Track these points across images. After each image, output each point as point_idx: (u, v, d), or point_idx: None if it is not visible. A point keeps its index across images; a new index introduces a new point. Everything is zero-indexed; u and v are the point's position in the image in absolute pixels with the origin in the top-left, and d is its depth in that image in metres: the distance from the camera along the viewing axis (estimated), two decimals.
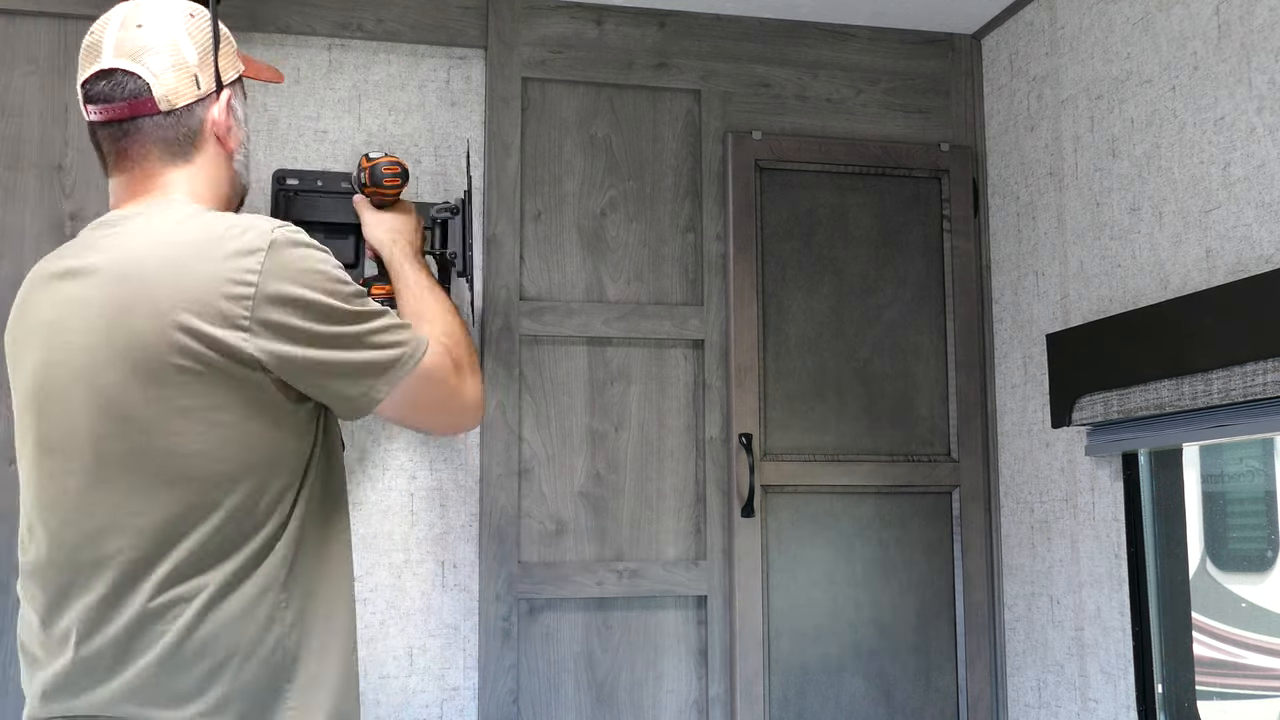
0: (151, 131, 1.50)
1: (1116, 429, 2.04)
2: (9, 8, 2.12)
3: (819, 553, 2.37)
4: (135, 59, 1.48)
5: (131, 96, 1.48)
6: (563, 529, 2.27)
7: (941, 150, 2.50)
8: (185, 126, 1.52)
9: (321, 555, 1.48)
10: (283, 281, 1.39)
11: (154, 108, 1.49)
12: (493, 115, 2.30)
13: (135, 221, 1.46)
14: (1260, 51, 1.77)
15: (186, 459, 1.38)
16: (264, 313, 1.38)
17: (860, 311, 2.45)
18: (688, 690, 2.29)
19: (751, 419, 2.33)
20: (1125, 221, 2.06)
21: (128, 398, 1.37)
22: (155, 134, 1.50)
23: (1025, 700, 2.33)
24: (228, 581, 1.38)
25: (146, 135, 1.50)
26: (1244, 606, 2.32)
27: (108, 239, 1.46)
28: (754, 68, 2.44)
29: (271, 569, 1.41)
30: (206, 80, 1.54)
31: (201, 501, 1.38)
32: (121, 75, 1.48)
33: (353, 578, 1.54)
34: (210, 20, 1.57)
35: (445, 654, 2.19)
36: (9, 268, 2.08)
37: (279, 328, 1.39)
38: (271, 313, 1.38)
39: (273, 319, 1.38)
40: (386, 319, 1.50)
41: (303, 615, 1.43)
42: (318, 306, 1.42)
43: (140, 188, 1.51)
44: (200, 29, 1.55)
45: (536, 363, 2.29)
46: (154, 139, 1.50)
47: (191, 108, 1.52)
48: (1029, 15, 2.37)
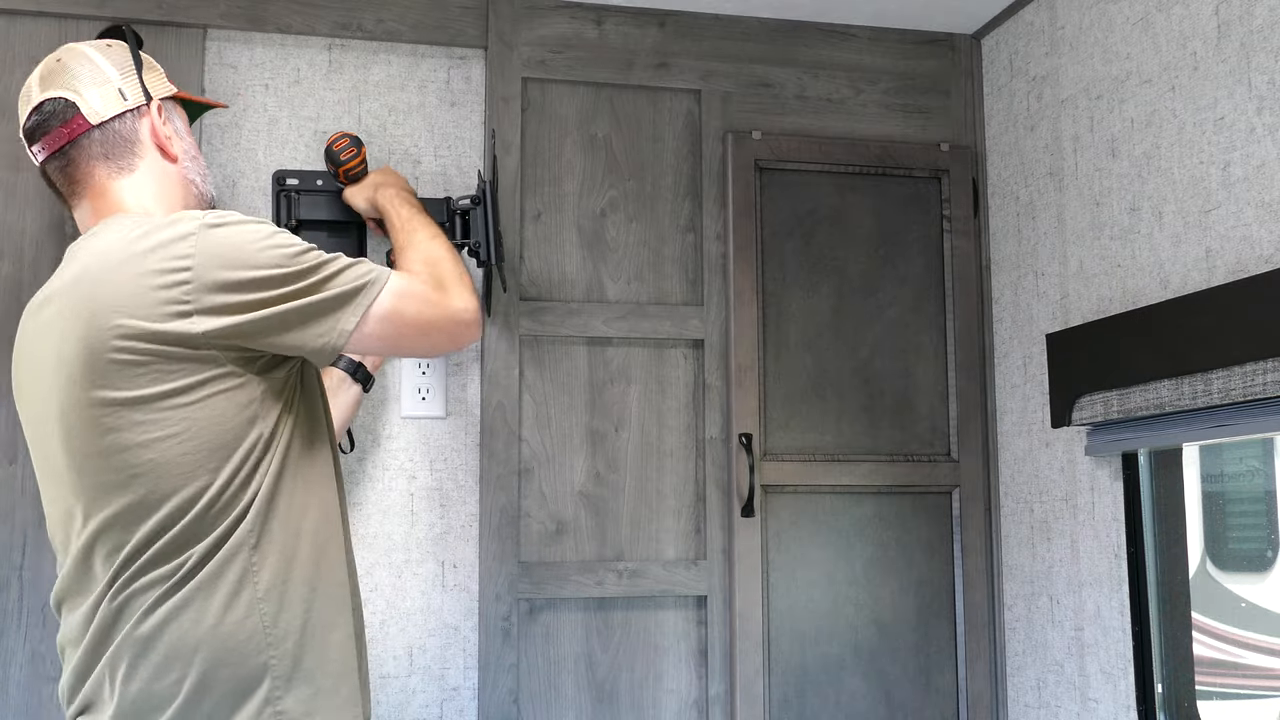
0: (89, 148, 1.57)
1: (1116, 429, 2.04)
2: (9, 8, 2.12)
3: (819, 553, 2.37)
4: (59, 86, 1.57)
5: (62, 120, 1.55)
6: (563, 529, 2.27)
7: (941, 150, 2.50)
8: (120, 137, 1.58)
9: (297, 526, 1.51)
10: (219, 269, 1.41)
11: (85, 123, 1.56)
12: (493, 115, 2.30)
13: (89, 242, 1.51)
14: (1260, 51, 1.77)
15: (142, 450, 1.41)
16: (206, 300, 1.40)
17: (860, 311, 2.45)
18: (688, 690, 2.29)
19: (751, 419, 2.33)
20: (1125, 221, 2.06)
21: (86, 413, 1.41)
22: (94, 150, 1.57)
23: (1025, 700, 2.33)
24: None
25: (86, 153, 1.57)
26: (1244, 606, 2.32)
27: (67, 265, 1.52)
28: (754, 68, 2.44)
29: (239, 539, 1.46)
30: (133, 93, 1.60)
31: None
32: (49, 104, 1.56)
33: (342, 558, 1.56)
34: (129, 47, 1.65)
35: (445, 654, 2.19)
36: (9, 268, 2.08)
37: (224, 307, 1.41)
38: (214, 298, 1.41)
39: (216, 302, 1.41)
40: (338, 262, 1.51)
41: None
42: (259, 280, 1.43)
43: (96, 208, 1.57)
44: (117, 54, 1.63)
45: (536, 363, 2.29)
46: (94, 155, 1.57)
47: (122, 117, 1.59)
48: (1029, 15, 2.37)
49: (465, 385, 2.26)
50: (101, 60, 1.60)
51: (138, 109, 1.60)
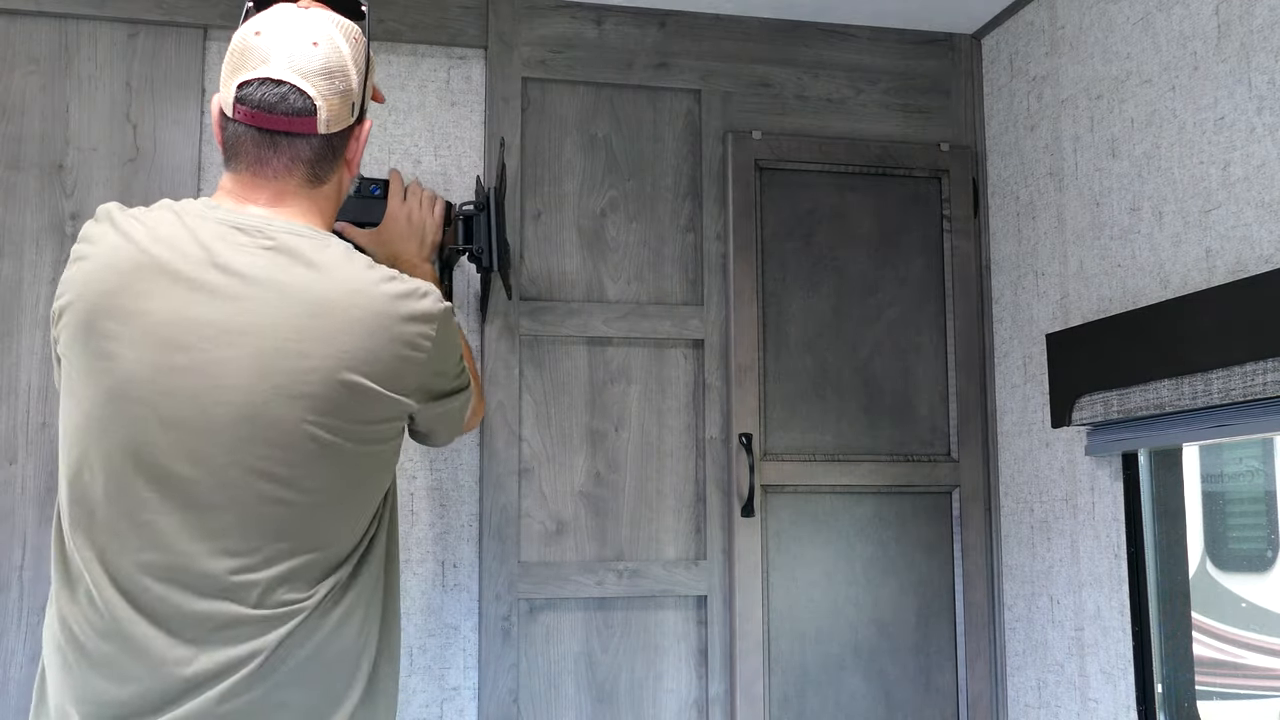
0: (303, 150, 1.47)
1: (1116, 429, 2.04)
2: (9, 8, 2.12)
3: (819, 552, 2.37)
4: (307, 78, 1.45)
5: (295, 114, 1.44)
6: (563, 529, 2.27)
7: (941, 150, 2.50)
8: (332, 150, 1.50)
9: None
10: (445, 360, 1.55)
11: (314, 129, 1.46)
12: (493, 115, 2.30)
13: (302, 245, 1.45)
14: (1260, 51, 1.77)
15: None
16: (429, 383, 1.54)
17: (860, 311, 2.45)
18: (688, 690, 2.29)
19: (751, 419, 2.33)
20: (1125, 221, 2.06)
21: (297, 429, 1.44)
22: (306, 153, 1.48)
23: (1025, 700, 2.33)
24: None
25: (297, 153, 1.47)
26: (1244, 606, 2.32)
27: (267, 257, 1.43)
28: (754, 68, 2.44)
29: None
30: (359, 107, 1.52)
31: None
32: (290, 91, 1.44)
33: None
34: (366, 44, 1.55)
35: (445, 654, 2.19)
36: (9, 268, 2.08)
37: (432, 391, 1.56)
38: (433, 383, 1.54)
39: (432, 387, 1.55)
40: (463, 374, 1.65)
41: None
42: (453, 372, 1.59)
43: (264, 194, 1.48)
44: (362, 54, 1.53)
45: (536, 363, 2.29)
46: (303, 159, 1.48)
47: (343, 134, 1.51)
48: (1029, 15, 2.37)
49: None
50: (351, 64, 1.49)
51: (355, 125, 1.53)
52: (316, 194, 1.51)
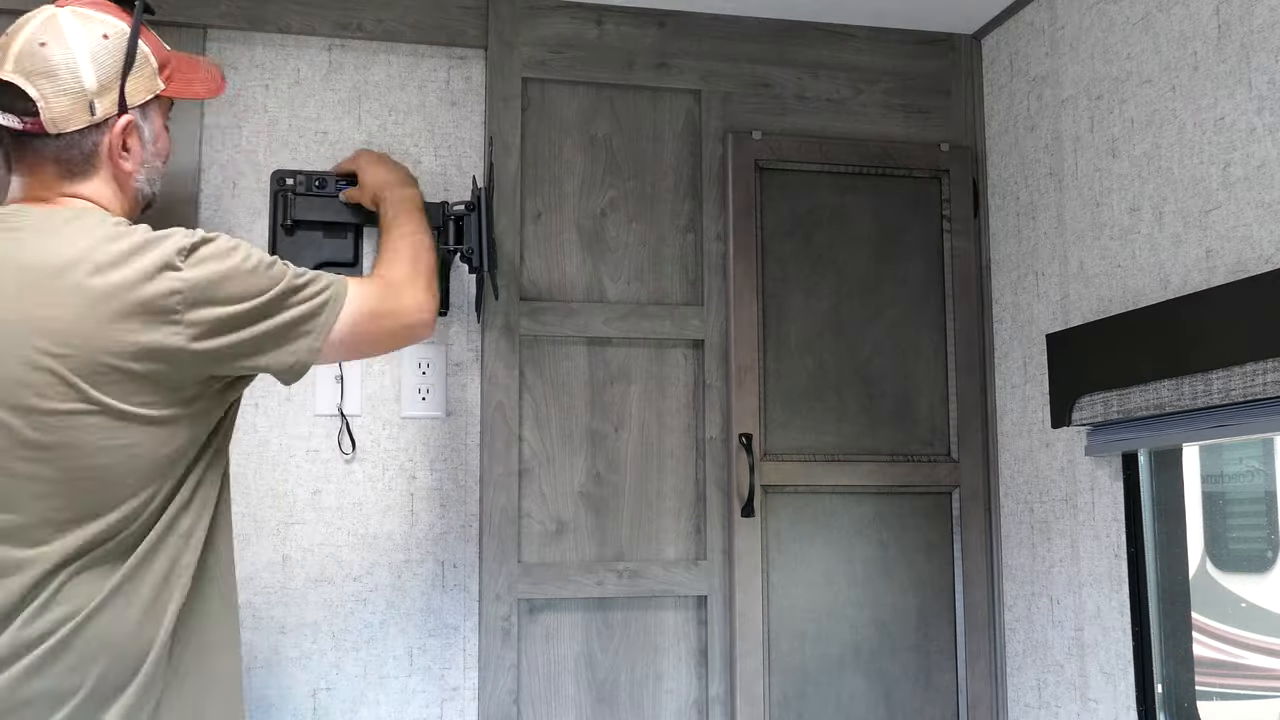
0: (43, 149, 1.51)
1: (1116, 429, 2.04)
2: (9, 7, 2.11)
3: (819, 553, 2.37)
4: (29, 78, 1.48)
5: (22, 114, 1.48)
6: (563, 529, 2.27)
7: (941, 150, 2.50)
8: (78, 150, 1.52)
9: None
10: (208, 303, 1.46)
11: (43, 129, 1.49)
12: (493, 115, 2.30)
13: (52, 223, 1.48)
14: (1260, 51, 1.77)
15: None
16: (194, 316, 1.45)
17: (860, 311, 2.45)
18: (688, 690, 2.29)
19: (751, 419, 2.33)
20: (1125, 221, 2.06)
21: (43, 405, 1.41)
22: (48, 152, 1.51)
23: (1025, 700, 2.33)
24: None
25: (40, 152, 1.51)
26: (1244, 606, 2.32)
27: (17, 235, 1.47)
28: (754, 68, 2.44)
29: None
30: (105, 106, 1.52)
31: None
32: (14, 90, 1.48)
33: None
34: (126, 41, 1.55)
35: (445, 654, 2.19)
36: None
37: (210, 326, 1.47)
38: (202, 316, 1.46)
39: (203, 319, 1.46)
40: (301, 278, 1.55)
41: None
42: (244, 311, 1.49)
43: (41, 194, 1.53)
44: (110, 52, 1.53)
45: (536, 363, 2.29)
46: (47, 157, 1.52)
47: (84, 132, 1.52)
48: (1029, 15, 2.37)
49: (465, 385, 2.26)
50: (84, 63, 1.50)
51: (104, 123, 1.53)
52: (83, 187, 1.54)
